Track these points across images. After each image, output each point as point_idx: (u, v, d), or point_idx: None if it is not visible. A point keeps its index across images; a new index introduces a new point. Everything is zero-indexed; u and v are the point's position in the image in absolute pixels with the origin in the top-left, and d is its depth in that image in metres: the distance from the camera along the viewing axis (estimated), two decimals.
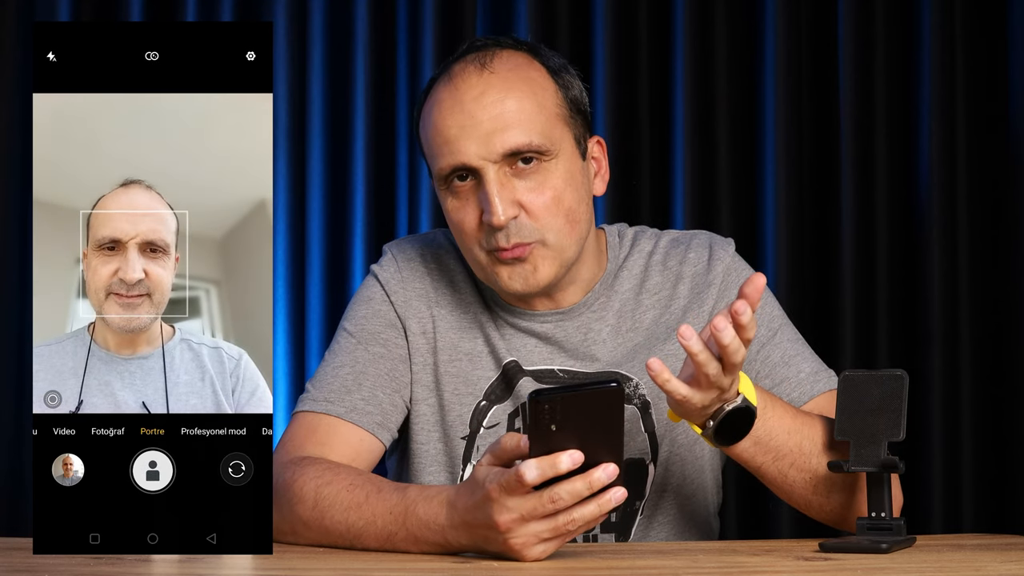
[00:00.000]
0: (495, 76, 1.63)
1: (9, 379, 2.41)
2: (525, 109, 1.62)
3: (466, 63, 1.65)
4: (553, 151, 1.63)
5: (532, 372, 1.72)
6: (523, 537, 1.31)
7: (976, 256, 2.34)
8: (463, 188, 1.64)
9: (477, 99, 1.62)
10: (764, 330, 1.73)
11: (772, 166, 2.37)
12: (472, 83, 1.63)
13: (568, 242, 1.65)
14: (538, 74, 1.66)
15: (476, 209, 1.63)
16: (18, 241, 2.42)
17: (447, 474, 1.73)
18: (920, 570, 1.31)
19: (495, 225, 1.60)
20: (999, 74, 2.34)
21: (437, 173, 1.65)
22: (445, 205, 1.67)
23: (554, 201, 1.63)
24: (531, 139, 1.61)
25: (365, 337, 1.73)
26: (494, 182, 1.61)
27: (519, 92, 1.63)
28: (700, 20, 2.41)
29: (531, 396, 1.28)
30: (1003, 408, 2.31)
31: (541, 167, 1.63)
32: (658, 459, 1.73)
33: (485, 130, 1.61)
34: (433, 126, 1.65)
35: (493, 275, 1.66)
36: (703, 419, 1.49)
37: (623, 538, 1.72)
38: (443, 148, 1.63)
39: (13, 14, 2.44)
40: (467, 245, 1.66)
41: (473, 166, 1.62)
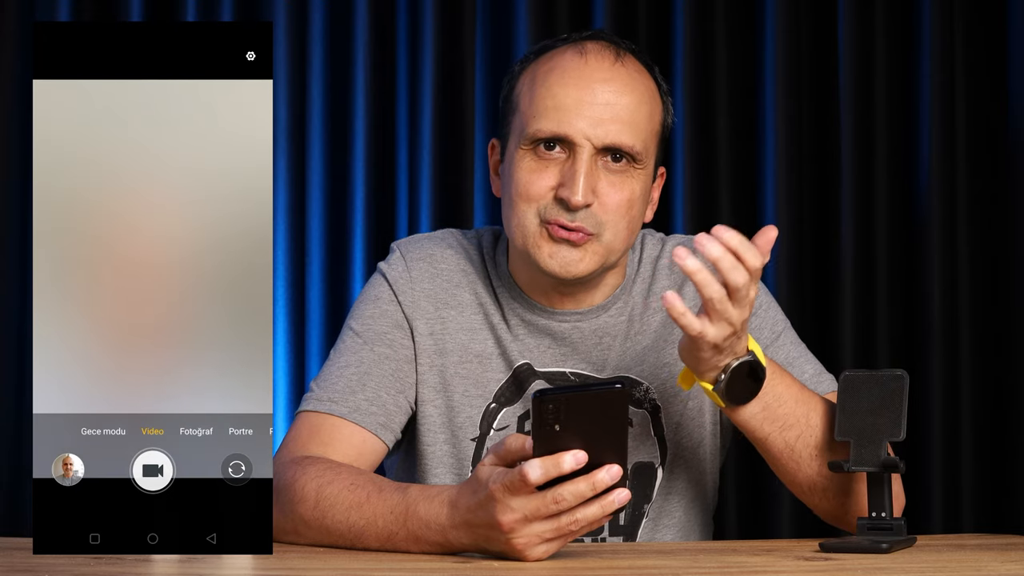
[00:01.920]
0: (626, 71, 1.66)
1: (9, 379, 2.41)
2: (640, 112, 1.65)
3: (602, 46, 1.67)
4: (643, 162, 1.66)
5: (544, 374, 1.72)
6: (526, 537, 1.31)
7: (976, 256, 2.34)
8: (549, 156, 1.64)
9: (606, 82, 1.63)
10: (767, 332, 1.74)
11: (772, 166, 2.37)
12: (606, 66, 1.65)
13: (619, 247, 1.66)
14: (655, 88, 1.70)
15: (553, 179, 1.63)
16: (18, 240, 2.42)
17: (453, 475, 1.73)
18: (920, 570, 1.31)
19: (572, 204, 1.61)
20: (999, 74, 2.34)
21: (532, 133, 1.64)
22: (519, 164, 1.65)
23: (627, 204, 1.64)
24: (635, 143, 1.63)
25: (371, 337, 1.73)
26: (588, 163, 1.62)
27: (640, 95, 1.65)
28: (700, 20, 2.40)
29: (535, 396, 1.28)
30: (1003, 408, 2.31)
31: (627, 170, 1.64)
32: (666, 463, 1.74)
33: (600, 114, 1.62)
34: (549, 88, 1.65)
35: (534, 248, 1.65)
36: (715, 374, 1.50)
37: (630, 541, 1.72)
38: (551, 113, 1.63)
39: (13, 14, 2.44)
40: (521, 209, 1.65)
41: (575, 141, 1.62)
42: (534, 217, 1.64)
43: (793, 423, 1.55)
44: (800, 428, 1.55)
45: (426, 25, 2.43)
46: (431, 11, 2.43)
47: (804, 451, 1.56)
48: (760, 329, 1.74)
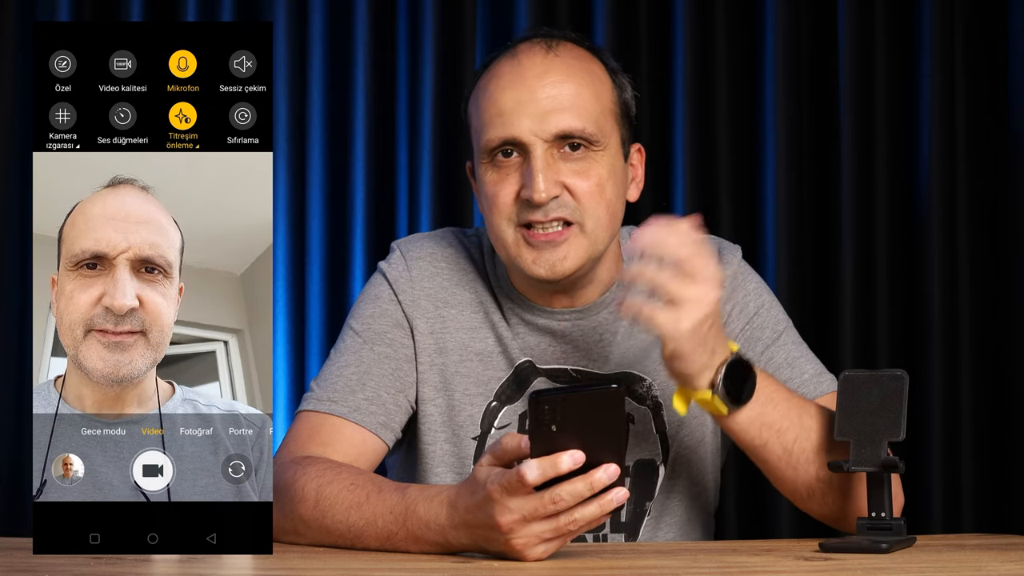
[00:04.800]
0: (559, 59, 1.65)
1: (9, 379, 2.41)
2: (583, 96, 1.63)
3: (532, 44, 1.67)
4: (602, 143, 1.64)
5: (546, 371, 1.72)
6: (524, 538, 1.31)
7: (976, 256, 2.34)
8: (507, 163, 1.64)
9: (539, 76, 1.63)
10: (769, 332, 1.74)
11: (772, 166, 2.37)
12: (537, 61, 1.64)
13: (603, 234, 1.65)
14: (598, 69, 1.68)
15: (516, 184, 1.63)
16: (18, 239, 2.42)
17: (454, 475, 1.73)
18: (920, 570, 1.31)
19: (535, 201, 1.60)
20: (999, 74, 2.34)
21: (484, 145, 1.65)
22: (484, 179, 1.66)
23: (598, 188, 1.63)
24: (584, 125, 1.62)
25: (371, 336, 1.73)
26: (541, 159, 1.61)
27: (580, 79, 1.64)
28: (700, 20, 2.40)
29: (531, 397, 1.28)
30: (1003, 408, 2.31)
31: (588, 155, 1.63)
32: (668, 460, 1.73)
33: (542, 108, 1.62)
34: (489, 97, 1.65)
35: (517, 257, 1.65)
36: (709, 376, 1.50)
37: (632, 538, 1.72)
38: (496, 120, 1.63)
39: (13, 14, 2.44)
40: (496, 221, 1.65)
41: (523, 141, 1.62)
42: (509, 226, 1.64)
43: (788, 426, 1.55)
44: (796, 431, 1.55)
45: (426, 25, 2.43)
46: (431, 11, 2.43)
47: (801, 455, 1.56)
48: (761, 329, 1.73)
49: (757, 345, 1.72)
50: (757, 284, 1.78)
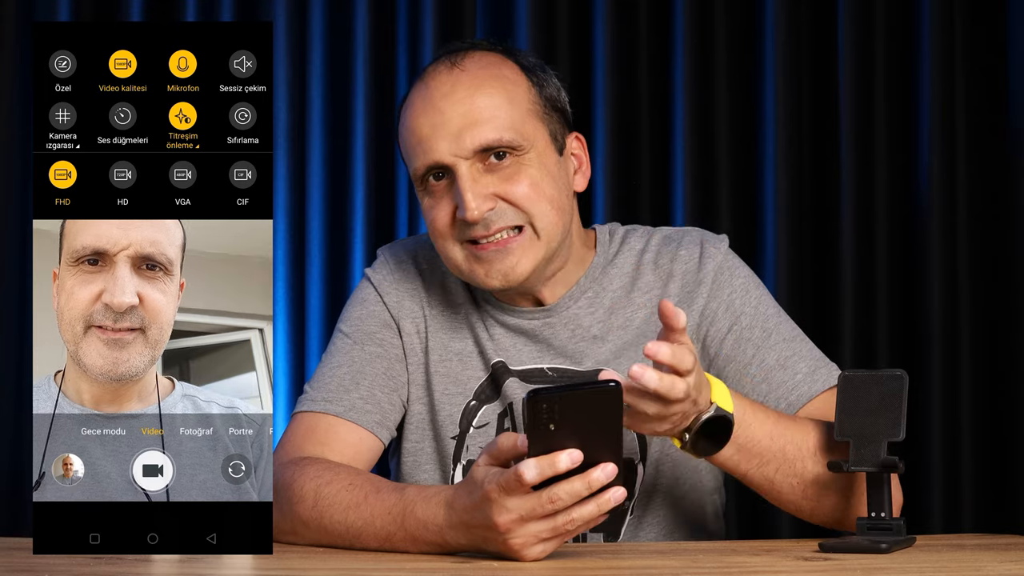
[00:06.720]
0: (465, 74, 1.64)
1: (9, 379, 2.41)
2: (495, 105, 1.62)
3: (437, 64, 1.67)
4: (525, 146, 1.63)
5: (519, 372, 1.72)
6: (522, 537, 1.31)
7: (976, 256, 2.34)
8: (438, 187, 1.64)
9: (447, 96, 1.62)
10: (759, 331, 1.70)
11: (772, 166, 2.37)
12: (442, 81, 1.64)
13: (554, 230, 1.64)
14: (510, 71, 1.67)
15: (450, 205, 1.63)
16: (18, 239, 2.42)
17: (440, 473, 1.73)
18: (920, 570, 1.31)
19: (469, 220, 1.60)
20: (999, 74, 2.34)
21: (413, 174, 1.66)
22: (423, 206, 1.67)
23: (533, 188, 1.63)
24: (501, 135, 1.61)
25: (361, 337, 1.73)
26: (466, 177, 1.61)
27: (489, 88, 1.63)
28: (700, 20, 2.40)
29: (529, 395, 1.28)
30: (1003, 408, 2.31)
31: (516, 161, 1.63)
32: (647, 459, 1.72)
33: (456, 127, 1.61)
34: (407, 127, 1.65)
35: (472, 274, 1.65)
36: (680, 432, 1.46)
37: (612, 538, 1.71)
38: (416, 148, 1.63)
39: (13, 14, 2.44)
40: (441, 243, 1.66)
41: (446, 163, 1.61)
42: (454, 246, 1.64)
43: (770, 459, 1.54)
44: (778, 463, 1.54)
45: (426, 25, 2.43)
46: (431, 11, 2.43)
47: (784, 482, 1.56)
48: (751, 329, 1.70)
49: (747, 347, 1.69)
50: (744, 279, 1.74)
